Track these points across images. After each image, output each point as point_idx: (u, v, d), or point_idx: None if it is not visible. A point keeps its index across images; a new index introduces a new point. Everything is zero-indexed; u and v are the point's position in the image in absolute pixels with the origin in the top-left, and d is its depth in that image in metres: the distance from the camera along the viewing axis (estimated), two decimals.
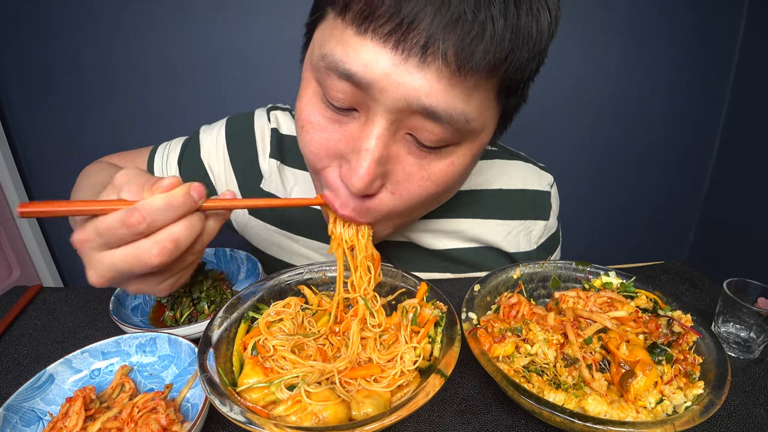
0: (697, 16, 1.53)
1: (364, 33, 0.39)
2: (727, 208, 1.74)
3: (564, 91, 1.62)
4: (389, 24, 0.37)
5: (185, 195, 0.37)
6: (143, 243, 0.36)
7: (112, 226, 0.35)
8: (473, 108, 0.42)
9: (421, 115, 0.41)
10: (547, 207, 0.74)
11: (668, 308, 0.52)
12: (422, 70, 0.38)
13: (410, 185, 0.47)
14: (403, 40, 0.37)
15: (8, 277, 1.55)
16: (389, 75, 0.39)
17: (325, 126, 0.46)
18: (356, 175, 0.43)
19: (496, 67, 0.39)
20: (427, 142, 0.44)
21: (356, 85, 0.41)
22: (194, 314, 0.62)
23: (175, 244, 0.37)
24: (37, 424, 0.43)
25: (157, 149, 0.72)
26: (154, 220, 0.36)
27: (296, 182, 0.70)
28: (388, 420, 0.35)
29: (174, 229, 0.37)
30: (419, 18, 0.36)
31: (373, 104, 0.41)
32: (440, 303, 0.50)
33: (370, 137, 0.42)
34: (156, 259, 0.36)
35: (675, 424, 0.36)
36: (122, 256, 0.36)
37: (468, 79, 0.39)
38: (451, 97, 0.40)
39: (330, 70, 0.42)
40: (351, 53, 0.40)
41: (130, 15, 1.43)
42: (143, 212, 0.35)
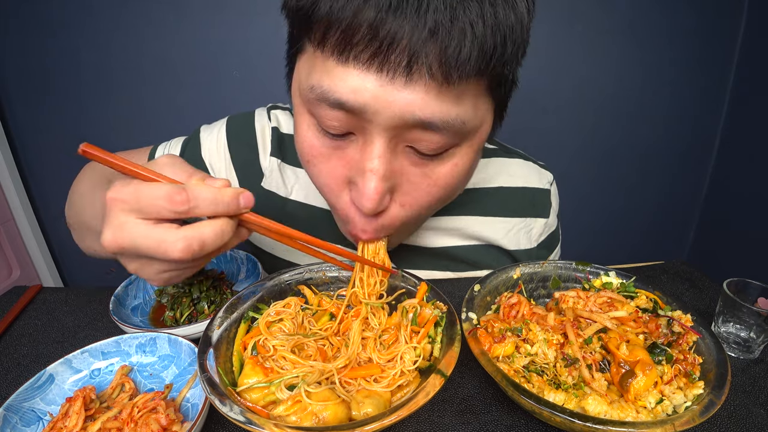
0: (698, 16, 1.53)
1: (346, 61, 0.39)
2: (727, 208, 1.74)
3: (565, 91, 1.62)
4: (369, 49, 0.37)
5: (233, 197, 0.37)
6: (171, 233, 0.35)
7: (156, 195, 0.34)
8: (467, 110, 0.42)
9: (417, 128, 0.41)
10: (547, 205, 0.74)
11: (668, 308, 0.52)
12: (410, 86, 0.38)
13: (418, 194, 0.48)
14: (386, 62, 0.37)
15: (8, 277, 1.55)
16: (379, 97, 0.39)
17: (328, 155, 0.47)
18: (366, 196, 0.44)
19: (483, 68, 0.38)
20: (427, 150, 0.44)
21: (349, 112, 0.41)
22: (194, 314, 0.62)
23: (201, 246, 0.36)
24: (37, 424, 0.43)
25: (156, 149, 0.72)
26: (197, 206, 0.35)
27: (296, 180, 0.70)
28: (388, 420, 0.35)
29: (205, 230, 0.36)
30: (398, 38, 0.36)
31: (368, 126, 0.42)
32: (440, 303, 0.50)
33: (372, 157, 0.43)
34: (177, 254, 0.35)
35: (675, 424, 0.36)
36: (146, 235, 0.35)
37: (457, 86, 0.39)
38: (443, 106, 0.40)
39: (320, 101, 0.42)
40: (338, 82, 0.40)
41: (129, 15, 1.43)
42: (190, 195, 0.35)
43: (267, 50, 1.48)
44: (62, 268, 1.81)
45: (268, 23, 1.44)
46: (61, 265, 1.80)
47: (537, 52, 0.43)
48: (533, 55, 0.44)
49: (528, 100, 1.59)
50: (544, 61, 1.53)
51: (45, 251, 1.71)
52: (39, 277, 1.69)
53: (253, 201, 0.39)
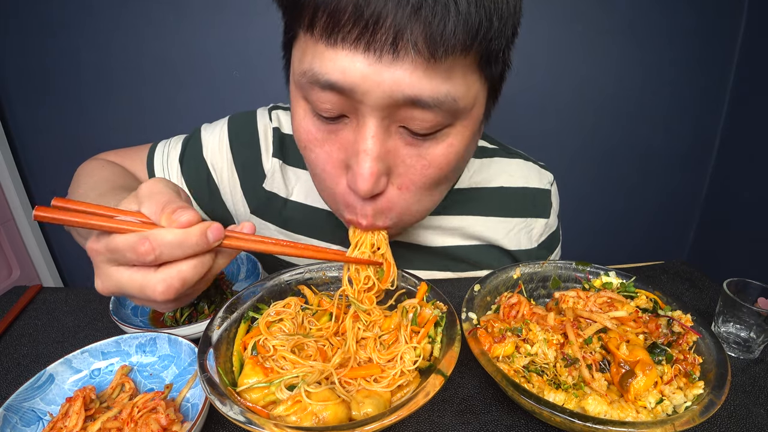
0: (698, 16, 1.53)
1: (334, 43, 0.40)
2: (727, 208, 1.73)
3: (565, 91, 1.62)
4: (355, 29, 0.38)
5: (200, 236, 0.37)
6: (151, 276, 0.36)
7: (121, 248, 0.35)
8: (457, 87, 0.42)
9: (408, 106, 0.42)
10: (548, 205, 0.74)
11: (668, 308, 0.52)
12: (397, 63, 0.39)
13: (414, 176, 0.48)
14: (372, 41, 0.38)
15: (8, 277, 1.55)
16: (368, 76, 0.39)
17: (324, 139, 0.47)
18: (360, 177, 0.44)
19: (468, 43, 0.39)
20: (420, 130, 0.44)
21: (340, 92, 0.41)
22: (194, 314, 0.62)
23: (182, 282, 0.37)
24: (37, 424, 0.43)
25: (156, 147, 0.72)
26: (162, 253, 0.35)
27: (297, 181, 0.70)
28: (388, 420, 0.35)
29: (182, 267, 0.37)
30: (382, 16, 0.36)
31: (360, 107, 0.42)
32: (440, 303, 0.50)
33: (366, 138, 0.43)
34: (160, 296, 0.36)
35: (675, 424, 0.36)
36: (129, 281, 0.37)
37: (444, 62, 0.39)
38: (432, 83, 0.40)
39: (312, 84, 0.42)
40: (327, 63, 0.40)
41: (129, 15, 1.43)
42: (153, 244, 0.35)
43: (267, 50, 1.47)
44: (62, 268, 1.81)
45: (268, 23, 1.43)
46: (61, 265, 1.80)
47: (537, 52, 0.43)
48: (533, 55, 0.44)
49: (528, 100, 1.59)
50: (544, 61, 1.53)
51: (45, 251, 1.71)
52: (39, 277, 1.69)
53: (222, 233, 0.39)
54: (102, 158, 0.71)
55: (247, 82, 1.53)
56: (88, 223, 0.35)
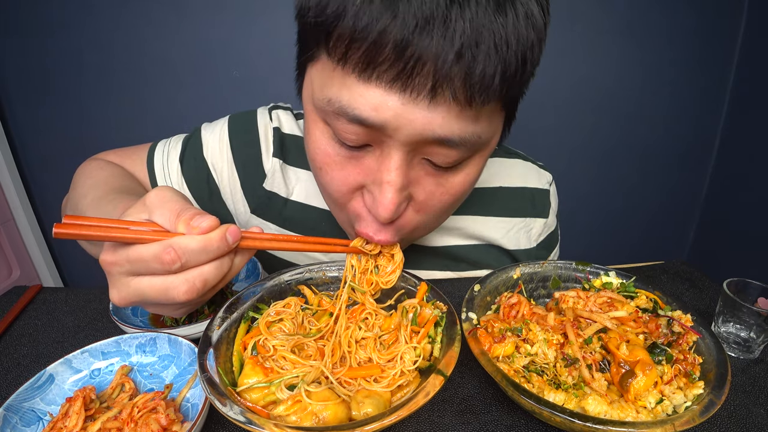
0: (698, 16, 1.53)
1: (368, 79, 0.38)
2: (727, 208, 1.74)
3: (564, 91, 1.62)
4: (393, 69, 0.36)
5: (221, 239, 0.37)
6: (173, 279, 0.36)
7: (145, 259, 0.35)
8: (484, 126, 0.43)
9: (435, 144, 0.42)
10: (547, 205, 0.75)
11: (668, 308, 0.52)
12: (433, 108, 0.39)
13: (432, 202, 0.49)
14: (410, 83, 0.37)
15: (8, 277, 1.55)
16: (400, 115, 0.39)
17: (342, 164, 0.47)
18: (382, 206, 0.44)
19: (504, 92, 0.39)
20: (443, 164, 0.45)
21: (368, 127, 0.41)
22: (194, 314, 0.62)
23: (204, 284, 0.37)
24: (37, 424, 0.43)
25: (156, 147, 0.72)
26: (188, 260, 0.36)
27: (298, 181, 0.70)
28: (388, 420, 0.35)
29: (205, 269, 0.37)
30: (423, 60, 0.35)
31: (387, 140, 0.42)
32: (440, 303, 0.50)
33: (390, 170, 0.43)
34: (184, 296, 0.36)
35: (675, 424, 0.36)
36: (150, 287, 0.36)
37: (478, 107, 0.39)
38: (462, 124, 0.40)
39: (339, 114, 0.41)
40: (358, 98, 0.39)
41: (129, 15, 1.43)
42: (179, 252, 0.35)
43: (267, 50, 1.48)
44: (62, 268, 1.81)
45: (268, 23, 1.44)
46: (61, 265, 1.80)
47: None
48: None
49: (527, 100, 1.58)
50: (543, 60, 1.52)
51: (45, 251, 1.71)
52: (39, 277, 1.69)
53: (240, 234, 0.39)
54: (101, 158, 0.71)
55: (247, 82, 1.54)
56: (108, 235, 0.35)
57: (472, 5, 0.34)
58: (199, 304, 0.42)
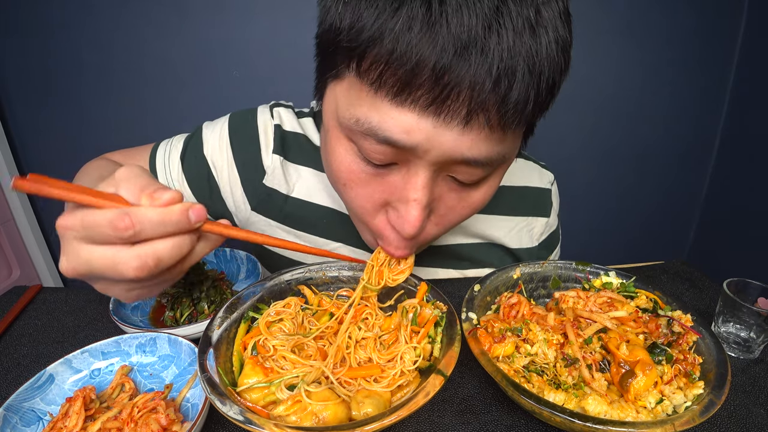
0: (698, 16, 1.53)
1: (402, 103, 0.38)
2: (727, 208, 1.73)
3: (564, 91, 1.60)
4: (429, 95, 0.36)
5: (181, 213, 0.35)
6: (124, 252, 0.34)
7: (99, 223, 0.33)
8: (509, 146, 0.43)
9: (462, 164, 0.42)
10: (548, 204, 0.75)
11: (668, 308, 0.52)
12: (466, 132, 0.39)
13: (452, 216, 0.50)
14: (444, 109, 0.37)
15: (8, 277, 1.55)
16: (432, 138, 0.39)
17: (367, 181, 0.47)
18: (408, 223, 0.45)
19: (535, 114, 0.39)
20: (467, 181, 0.45)
21: (398, 148, 0.41)
22: (194, 314, 0.62)
23: (157, 262, 0.34)
24: (37, 424, 0.43)
25: (158, 146, 0.72)
26: (143, 230, 0.34)
27: (299, 177, 0.70)
28: (388, 420, 0.35)
29: (159, 246, 0.35)
30: (460, 86, 0.35)
31: (415, 159, 0.42)
32: (440, 303, 0.50)
33: (417, 188, 0.43)
34: (132, 272, 0.34)
35: (675, 424, 0.36)
36: (100, 257, 0.34)
37: (509, 131, 0.40)
38: (490, 146, 0.41)
39: (367, 135, 0.41)
40: (389, 120, 0.39)
41: (129, 15, 1.43)
42: (134, 219, 0.33)
43: (267, 50, 1.48)
44: None
45: (268, 23, 1.44)
46: None
47: None
48: None
49: None
50: None
51: (45, 251, 1.70)
52: (39, 277, 1.69)
53: (204, 215, 0.37)
54: (106, 158, 0.72)
55: (247, 82, 1.53)
56: (66, 195, 0.33)
57: (509, 31, 0.34)
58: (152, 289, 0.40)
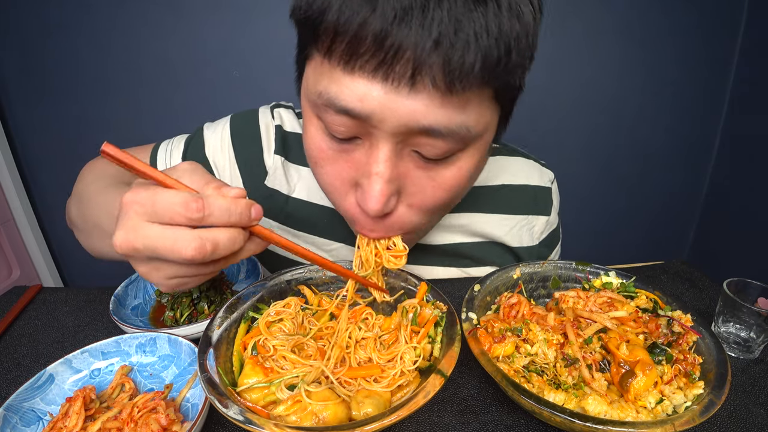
0: (698, 15, 1.53)
1: (352, 70, 0.39)
2: (727, 208, 1.74)
3: (565, 91, 1.62)
4: (374, 59, 0.38)
5: (246, 208, 0.38)
6: (185, 233, 0.35)
7: (172, 202, 0.35)
8: (471, 117, 0.43)
9: (422, 134, 0.42)
10: (549, 202, 0.75)
11: (668, 308, 0.52)
12: (414, 96, 0.39)
13: (424, 197, 0.49)
14: (390, 72, 0.38)
15: (8, 277, 1.55)
16: (384, 105, 0.40)
17: (335, 157, 0.48)
18: (371, 198, 0.45)
19: (486, 78, 0.39)
20: (432, 155, 0.45)
21: (355, 118, 0.42)
22: (194, 314, 0.62)
23: (214, 247, 0.36)
24: (37, 424, 0.43)
25: (159, 147, 0.73)
26: (211, 214, 0.36)
27: (299, 178, 0.70)
28: (388, 420, 0.35)
29: (218, 234, 0.37)
30: (402, 48, 0.36)
31: (374, 131, 0.42)
32: (440, 303, 0.50)
33: (378, 161, 0.44)
34: (191, 252, 0.35)
35: (675, 424, 0.36)
36: (162, 235, 0.35)
37: (461, 94, 0.40)
38: (447, 114, 0.41)
39: (327, 107, 0.43)
40: (344, 89, 0.41)
41: (128, 15, 1.43)
42: (206, 203, 0.35)
43: (267, 50, 1.48)
44: (62, 268, 1.81)
45: (268, 23, 1.44)
46: (61, 265, 1.80)
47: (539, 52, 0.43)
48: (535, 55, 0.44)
49: (529, 100, 1.58)
50: (544, 60, 1.53)
51: (45, 251, 1.71)
52: (39, 277, 1.69)
53: (262, 214, 0.40)
54: None
55: (247, 82, 1.54)
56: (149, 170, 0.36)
57: None
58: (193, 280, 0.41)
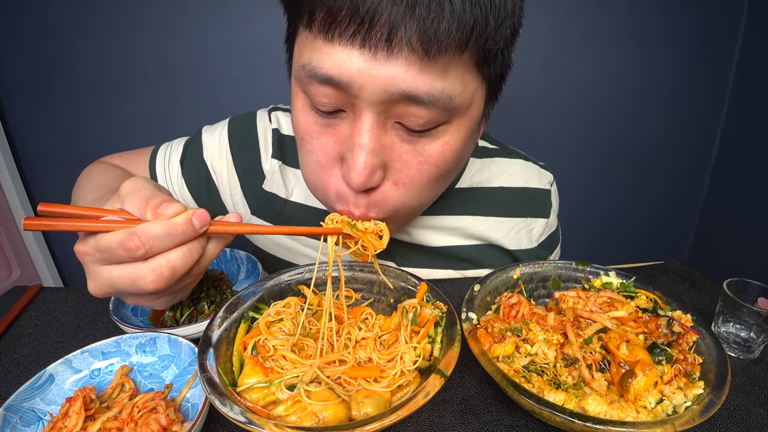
0: (698, 15, 1.53)
1: (331, 39, 0.41)
2: (727, 208, 1.73)
3: (564, 91, 1.62)
4: (351, 26, 0.39)
5: (186, 224, 0.37)
6: (140, 267, 0.36)
7: (111, 246, 0.36)
8: (453, 84, 0.43)
9: (404, 102, 0.42)
10: (548, 205, 0.75)
11: (668, 308, 0.52)
12: (392, 60, 0.40)
13: (409, 172, 0.48)
14: (367, 38, 0.39)
15: (8, 277, 1.55)
16: (363, 71, 0.40)
17: (320, 132, 0.48)
18: (354, 170, 0.45)
19: (463, 42, 0.39)
20: (416, 126, 0.45)
21: (336, 87, 0.42)
22: (194, 314, 0.62)
23: (172, 272, 0.37)
24: (37, 424, 0.43)
25: (158, 149, 0.73)
26: (152, 246, 0.36)
27: (297, 182, 0.70)
28: (388, 420, 0.35)
29: (171, 257, 0.37)
30: (378, 13, 0.37)
31: (356, 101, 0.43)
32: (440, 303, 0.50)
33: (361, 132, 0.44)
34: (151, 285, 0.36)
35: (675, 424, 0.36)
36: (120, 276, 0.37)
37: (439, 59, 0.40)
38: (427, 79, 0.41)
39: (310, 77, 0.43)
40: (325, 58, 0.41)
41: (129, 15, 1.43)
42: (142, 238, 0.35)
43: (267, 50, 1.48)
44: (62, 268, 1.81)
45: (268, 23, 1.44)
46: (61, 265, 1.80)
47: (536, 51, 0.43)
48: (533, 55, 0.44)
49: (527, 100, 1.59)
50: (543, 60, 1.52)
51: (45, 251, 1.71)
52: (39, 277, 1.69)
53: (207, 218, 0.39)
54: (106, 161, 0.72)
55: (247, 82, 1.53)
56: (75, 226, 0.36)
57: None
58: (179, 293, 0.42)
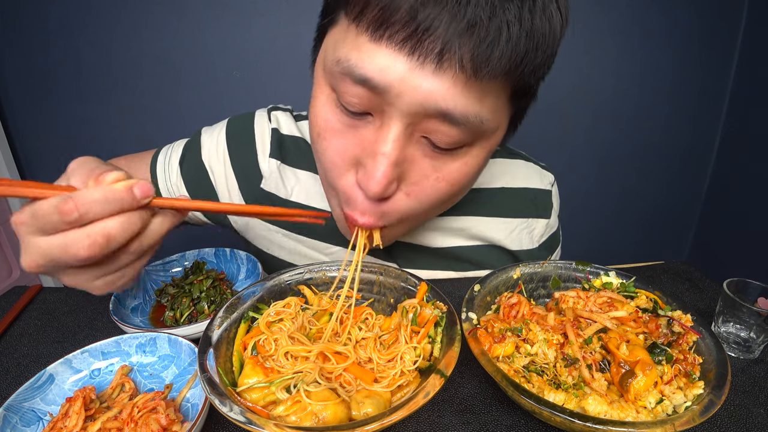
0: (698, 15, 1.54)
1: (379, 39, 0.39)
2: (727, 208, 1.74)
3: (564, 91, 1.62)
4: (405, 31, 0.37)
5: (125, 191, 0.36)
6: (74, 233, 0.35)
7: (46, 212, 0.34)
8: (488, 109, 0.42)
9: (436, 118, 0.41)
10: (549, 205, 0.75)
11: (668, 308, 0.52)
12: (438, 75, 0.39)
13: (425, 186, 0.48)
14: (419, 47, 0.37)
15: (8, 277, 1.55)
16: (405, 80, 0.39)
17: (342, 131, 0.46)
18: (373, 179, 0.44)
19: (511, 71, 0.39)
20: (441, 144, 0.44)
21: (372, 90, 0.41)
22: (194, 314, 0.62)
23: (107, 239, 0.35)
24: (37, 424, 0.43)
25: (159, 152, 0.73)
26: (87, 210, 0.34)
27: (297, 182, 0.70)
28: (388, 420, 0.35)
29: (108, 224, 0.35)
30: (435, 25, 0.36)
31: (388, 108, 0.42)
32: (440, 303, 0.50)
33: (387, 141, 0.43)
34: (84, 251, 0.35)
35: (675, 424, 0.36)
36: (52, 244, 0.35)
37: (483, 83, 0.39)
38: (466, 100, 0.40)
39: (345, 74, 0.42)
40: (366, 58, 0.40)
41: (129, 15, 1.43)
42: (77, 201, 0.34)
43: (267, 50, 1.48)
44: None
45: (268, 23, 1.44)
46: None
47: None
48: None
49: None
50: None
51: None
52: (39, 277, 1.69)
53: (151, 191, 0.37)
54: (111, 164, 0.72)
55: (247, 82, 1.54)
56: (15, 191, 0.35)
57: None
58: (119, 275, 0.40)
